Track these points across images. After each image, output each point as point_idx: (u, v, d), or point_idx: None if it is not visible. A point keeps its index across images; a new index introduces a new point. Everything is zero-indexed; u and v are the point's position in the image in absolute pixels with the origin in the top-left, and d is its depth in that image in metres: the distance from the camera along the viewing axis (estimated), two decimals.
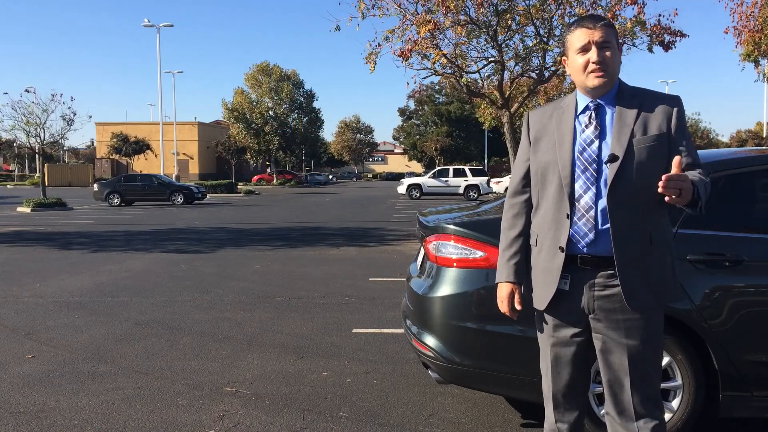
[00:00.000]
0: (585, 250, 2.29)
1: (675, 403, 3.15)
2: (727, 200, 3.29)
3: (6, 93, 59.87)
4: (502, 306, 2.46)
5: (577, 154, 2.32)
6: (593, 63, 2.26)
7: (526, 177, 2.47)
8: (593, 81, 2.28)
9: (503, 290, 2.46)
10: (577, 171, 2.31)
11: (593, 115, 2.33)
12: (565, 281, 2.34)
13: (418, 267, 3.99)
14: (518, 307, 2.44)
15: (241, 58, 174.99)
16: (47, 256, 10.85)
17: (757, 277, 3.13)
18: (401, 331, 5.07)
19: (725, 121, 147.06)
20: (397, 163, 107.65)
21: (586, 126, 2.33)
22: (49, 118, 24.26)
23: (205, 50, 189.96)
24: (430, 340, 3.44)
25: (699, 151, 4.09)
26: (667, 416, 3.15)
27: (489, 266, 3.21)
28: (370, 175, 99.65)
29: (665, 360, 3.12)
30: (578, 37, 2.29)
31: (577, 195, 2.30)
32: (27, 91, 24.14)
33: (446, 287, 3.33)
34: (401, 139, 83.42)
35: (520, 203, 2.49)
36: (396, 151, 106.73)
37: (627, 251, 2.25)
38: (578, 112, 2.37)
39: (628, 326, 2.28)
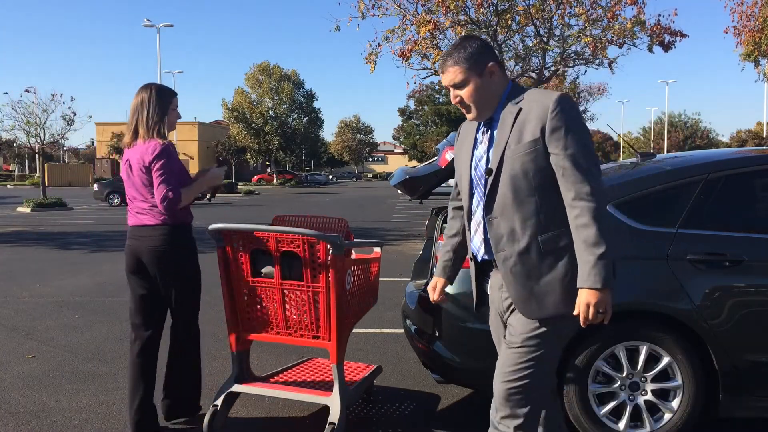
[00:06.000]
0: (486, 257, 2.37)
1: (675, 403, 3.15)
2: (727, 200, 3.29)
3: (6, 93, 59.87)
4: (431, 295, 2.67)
5: (472, 170, 2.37)
6: (456, 104, 2.32)
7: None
8: (467, 116, 2.36)
9: (432, 282, 2.66)
10: (473, 187, 2.37)
11: (485, 129, 2.36)
12: (486, 284, 2.47)
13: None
14: (438, 297, 2.64)
15: (241, 58, 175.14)
16: (47, 256, 10.85)
17: (757, 277, 3.13)
18: (401, 331, 5.06)
19: (725, 121, 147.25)
20: (397, 163, 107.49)
21: (481, 142, 2.37)
22: (49, 118, 24.26)
23: (205, 50, 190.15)
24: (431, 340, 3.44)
25: (698, 152, 4.10)
26: (667, 416, 3.16)
27: None
28: (370, 175, 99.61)
29: (665, 360, 3.12)
30: (443, 80, 2.35)
31: (473, 209, 2.38)
32: (27, 91, 24.18)
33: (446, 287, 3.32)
34: (401, 139, 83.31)
35: (454, 209, 2.65)
36: (396, 151, 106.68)
37: (507, 262, 2.26)
38: (478, 128, 2.41)
39: (518, 326, 2.28)
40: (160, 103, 3.38)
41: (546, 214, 2.20)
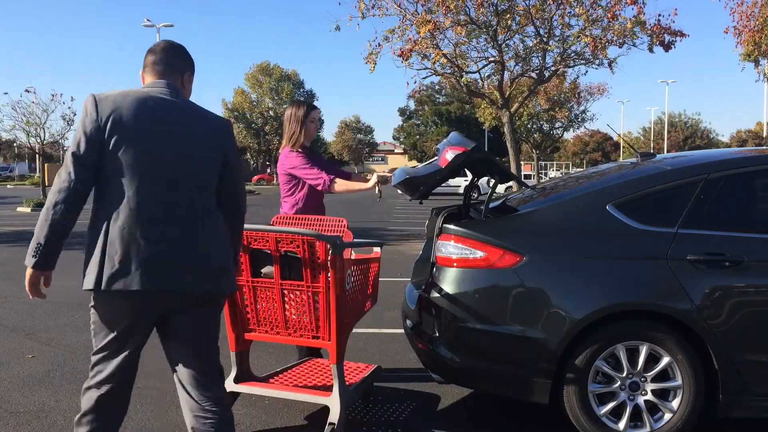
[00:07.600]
0: None
1: (675, 403, 3.15)
2: (727, 200, 3.29)
3: (6, 93, 59.57)
4: None
5: None
6: None
7: None
8: None
9: None
10: None
11: None
12: None
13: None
14: None
15: (241, 58, 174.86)
16: None
17: (757, 277, 3.13)
18: (401, 331, 5.07)
19: (725, 121, 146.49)
20: (397, 163, 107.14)
21: None
22: (49, 118, 24.21)
23: (205, 50, 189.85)
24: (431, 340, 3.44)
25: (698, 152, 4.10)
26: (667, 416, 3.16)
27: (489, 266, 3.22)
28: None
29: (665, 360, 3.12)
30: None
31: None
32: (27, 91, 24.10)
33: (446, 287, 3.33)
34: (401, 139, 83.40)
35: None
36: (396, 151, 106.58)
37: None
38: None
39: None
40: (300, 117, 4.15)
41: None
